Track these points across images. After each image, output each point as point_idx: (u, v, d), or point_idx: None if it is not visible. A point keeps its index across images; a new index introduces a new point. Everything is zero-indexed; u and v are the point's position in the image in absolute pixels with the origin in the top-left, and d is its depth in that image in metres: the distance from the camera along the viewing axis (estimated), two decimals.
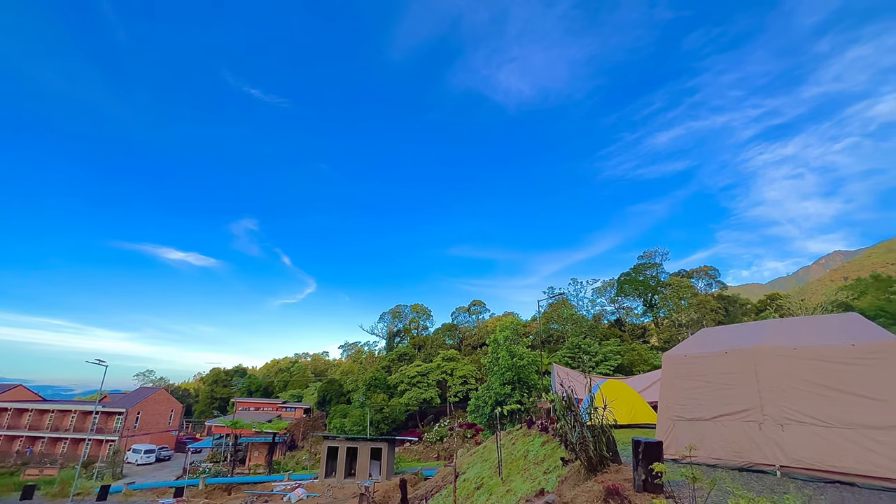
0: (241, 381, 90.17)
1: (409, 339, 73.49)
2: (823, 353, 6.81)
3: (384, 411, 46.58)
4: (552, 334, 55.52)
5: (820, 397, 6.60)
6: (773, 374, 7.16)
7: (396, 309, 78.50)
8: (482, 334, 64.26)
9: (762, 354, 7.40)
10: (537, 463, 10.66)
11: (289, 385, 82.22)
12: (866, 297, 49.95)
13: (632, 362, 41.20)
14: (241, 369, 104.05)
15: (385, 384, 52.37)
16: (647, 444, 5.85)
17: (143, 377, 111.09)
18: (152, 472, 43.87)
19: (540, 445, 12.12)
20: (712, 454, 7.43)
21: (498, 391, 31.57)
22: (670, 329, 49.64)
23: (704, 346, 8.71)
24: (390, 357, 62.78)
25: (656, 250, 60.12)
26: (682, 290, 52.30)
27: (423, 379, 50.68)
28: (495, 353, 33.92)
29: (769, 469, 6.80)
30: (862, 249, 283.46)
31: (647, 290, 56.26)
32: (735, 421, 7.39)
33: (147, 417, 56.45)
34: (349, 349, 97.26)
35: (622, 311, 60.02)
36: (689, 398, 8.17)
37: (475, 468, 15.09)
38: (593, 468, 7.07)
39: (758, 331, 8.47)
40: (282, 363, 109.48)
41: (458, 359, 54.22)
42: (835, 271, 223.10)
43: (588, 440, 7.17)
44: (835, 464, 6.20)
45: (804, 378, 6.83)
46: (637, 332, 55.79)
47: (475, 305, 76.07)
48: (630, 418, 13.70)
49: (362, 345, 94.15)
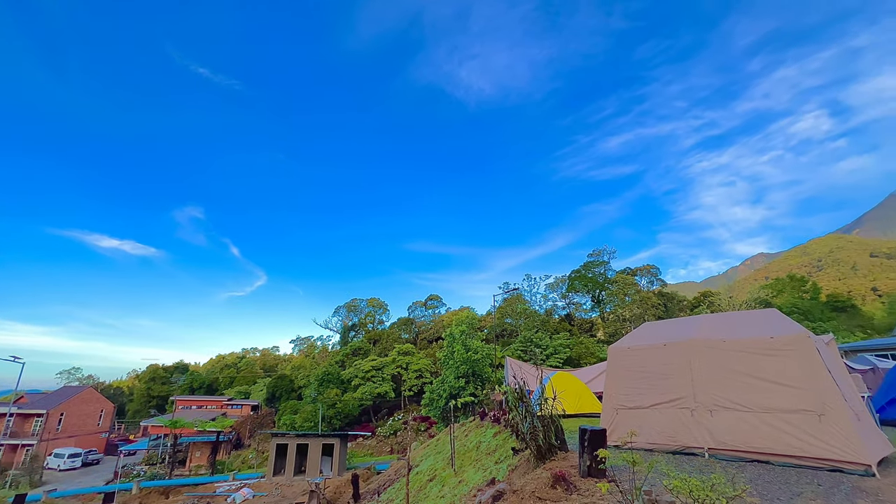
0: (182, 377, 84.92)
1: (364, 333, 72.48)
2: (747, 344, 7.49)
3: (337, 406, 45.73)
4: (506, 328, 56.92)
5: (743, 385, 7.27)
6: (705, 365, 7.79)
7: (352, 303, 77.09)
8: (438, 328, 64.64)
9: (695, 346, 8.02)
10: (489, 453, 10.93)
11: (235, 381, 78.57)
12: (783, 294, 55.56)
13: (580, 355, 43.17)
14: (183, 365, 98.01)
15: (338, 379, 51.40)
16: (593, 431, 6.17)
17: (68, 375, 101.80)
18: (78, 477, 40.37)
19: (492, 436, 12.43)
20: (650, 440, 7.97)
21: (453, 384, 31.93)
22: (615, 323, 52.50)
23: (645, 339, 9.30)
24: (344, 351, 61.66)
25: (605, 249, 63.17)
26: (626, 287, 55.44)
27: (378, 373, 50.26)
28: (451, 347, 34.25)
29: (699, 451, 7.41)
30: (781, 252, 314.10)
31: (595, 287, 59.05)
32: (671, 408, 7.97)
33: (72, 419, 51.72)
34: (301, 344, 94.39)
35: (572, 306, 62.62)
36: (630, 388, 8.70)
37: (428, 461, 15.23)
38: (542, 456, 7.36)
39: (692, 325, 9.15)
40: (228, 359, 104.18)
41: (414, 353, 54.25)
42: (758, 271, 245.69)
43: (538, 430, 7.45)
44: (754, 445, 6.87)
45: (731, 368, 7.49)
46: (585, 326, 58.51)
47: (432, 300, 76.32)
48: (577, 408, 14.38)
49: (315, 339, 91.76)
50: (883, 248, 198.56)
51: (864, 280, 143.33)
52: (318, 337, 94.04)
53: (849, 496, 5.14)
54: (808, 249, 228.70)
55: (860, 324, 50.20)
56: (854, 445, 6.03)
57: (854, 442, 6.05)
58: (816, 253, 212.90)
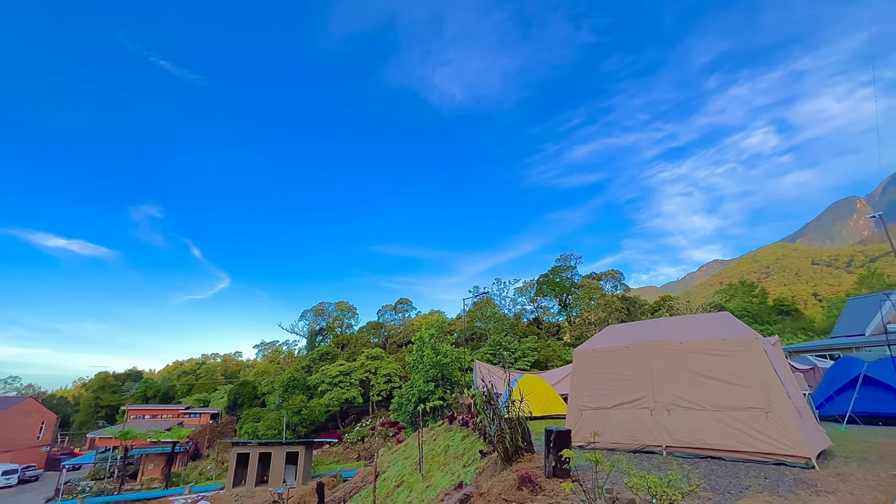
0: (135, 386, 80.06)
1: (332, 337, 70.99)
2: (702, 346, 7.88)
3: (302, 413, 44.45)
4: (476, 332, 57.27)
5: (698, 385, 7.63)
6: (664, 366, 8.12)
7: (320, 306, 75.37)
8: (408, 332, 64.21)
9: (655, 348, 8.35)
10: (457, 457, 10.93)
11: (194, 389, 74.90)
12: (735, 299, 58.86)
13: (547, 358, 44.02)
14: (136, 373, 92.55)
15: (304, 385, 50.02)
16: (558, 432, 6.30)
17: (5, 385, 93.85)
18: (14, 495, 37.18)
19: (461, 440, 12.44)
20: (613, 439, 8.22)
21: (422, 388, 31.78)
22: (581, 327, 53.93)
23: (608, 341, 9.60)
24: (311, 356, 60.13)
25: (572, 254, 64.83)
26: (592, 292, 57.12)
27: (346, 378, 49.31)
28: (420, 351, 34.11)
29: (657, 449, 7.70)
30: (734, 259, 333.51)
31: (562, 291, 60.47)
32: (632, 408, 8.25)
33: (7, 432, 47.61)
34: (266, 349, 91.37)
35: (540, 310, 63.84)
36: (594, 389, 8.95)
37: (396, 466, 15.05)
38: (509, 458, 7.44)
39: (652, 328, 9.53)
40: (186, 365, 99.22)
41: (383, 357, 53.62)
42: (713, 277, 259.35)
43: (505, 432, 7.53)
44: (708, 442, 7.21)
45: (687, 368, 7.85)
46: (552, 329, 59.77)
47: (402, 303, 75.78)
48: (544, 410, 14.64)
49: (281, 344, 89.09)
50: (823, 256, 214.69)
51: (807, 286, 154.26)
52: (283, 342, 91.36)
53: (791, 488, 5.49)
54: (758, 257, 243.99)
55: (803, 326, 53.88)
56: (796, 440, 6.45)
57: (796, 437, 6.47)
58: (765, 260, 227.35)
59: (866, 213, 29.92)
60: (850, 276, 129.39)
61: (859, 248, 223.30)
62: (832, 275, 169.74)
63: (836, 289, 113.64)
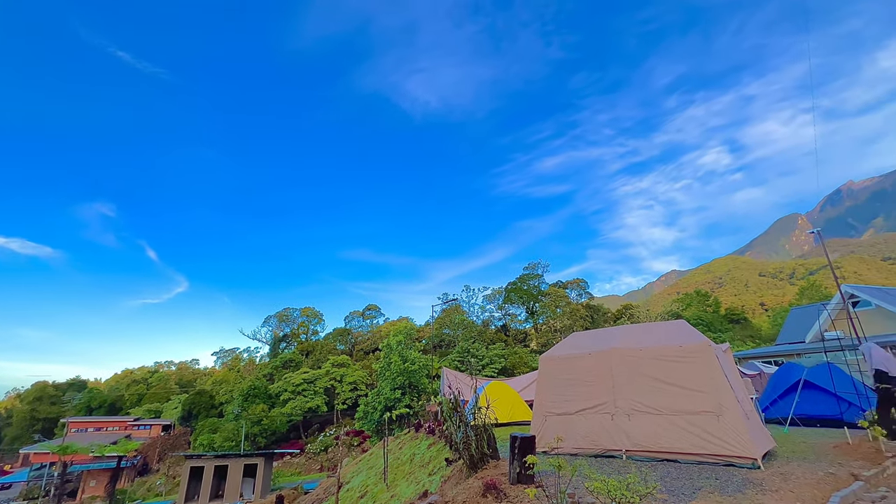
0: (78, 396, 74.53)
1: (296, 344, 68.90)
2: (659, 352, 8.21)
3: (263, 423, 42.72)
4: (444, 339, 57.20)
5: (656, 390, 7.94)
6: (624, 372, 8.40)
7: (284, 312, 73.04)
8: (376, 339, 63.29)
9: (617, 355, 8.63)
10: (423, 465, 10.83)
11: (145, 399, 70.47)
12: (691, 308, 61.78)
13: (514, 365, 44.51)
14: (80, 382, 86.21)
15: (266, 393, 48.15)
16: (523, 438, 6.37)
17: None
18: None
19: (426, 448, 12.34)
20: (575, 444, 8.39)
21: (388, 396, 31.32)
22: (547, 334, 55.00)
23: (573, 348, 9.84)
24: (274, 364, 58.06)
25: (539, 263, 66.13)
26: (558, 300, 58.46)
27: (310, 386, 47.89)
28: (388, 358, 33.66)
29: (618, 453, 7.93)
30: (690, 270, 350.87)
31: (529, 299, 61.51)
32: (594, 414, 8.47)
33: None
34: (225, 356, 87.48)
35: (508, 317, 64.61)
36: (558, 395, 9.13)
37: (360, 476, 14.73)
38: (475, 466, 7.44)
39: (614, 335, 9.85)
40: (137, 373, 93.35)
41: (349, 364, 52.53)
42: (671, 287, 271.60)
43: (471, 439, 7.54)
44: (664, 445, 7.50)
45: (646, 374, 8.15)
46: (520, 336, 60.59)
47: (370, 310, 74.71)
48: (510, 416, 14.75)
49: (241, 351, 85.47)
50: (769, 268, 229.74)
51: (755, 296, 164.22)
52: (244, 349, 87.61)
53: (739, 487, 5.79)
54: (712, 268, 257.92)
55: (751, 334, 57.17)
56: (744, 442, 6.82)
57: (744, 439, 6.84)
58: (718, 271, 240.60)
59: (806, 230, 32.38)
60: (792, 287, 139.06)
61: (801, 261, 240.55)
62: (777, 286, 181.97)
63: (780, 299, 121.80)
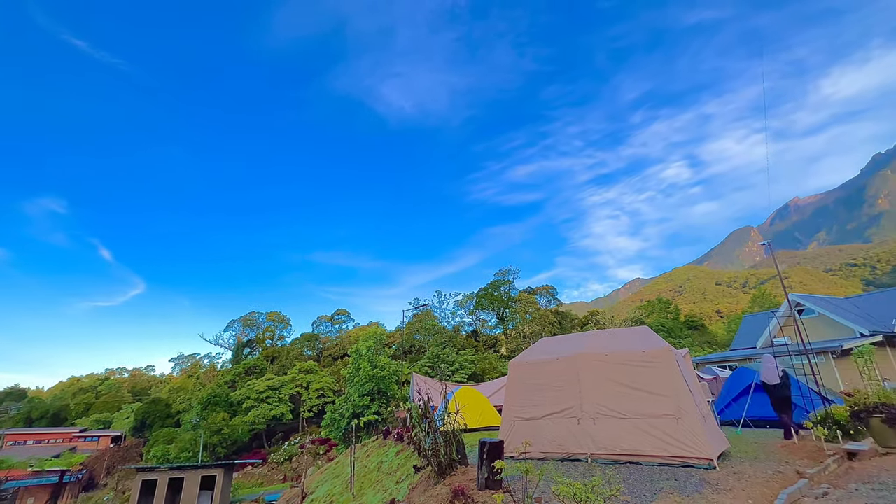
0: (16, 406, 69.07)
1: (261, 350, 66.62)
2: (624, 357, 8.47)
3: (223, 432, 40.92)
4: (415, 344, 56.84)
5: (621, 394, 8.16)
6: (590, 376, 8.61)
7: (249, 316, 70.60)
8: (344, 345, 62.12)
9: (583, 360, 8.83)
10: (390, 473, 10.67)
11: (93, 408, 66.10)
12: (654, 314, 64.27)
13: (484, 370, 44.75)
14: (18, 391, 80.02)
15: (227, 401, 46.20)
16: (491, 444, 6.40)
17: None
18: None
19: (395, 455, 12.17)
20: (543, 449, 8.50)
21: (357, 403, 30.75)
22: (517, 340, 55.67)
23: (541, 353, 10.00)
24: (236, 370, 55.85)
25: (510, 269, 67.03)
26: (528, 306, 59.38)
27: (275, 394, 46.35)
28: (356, 364, 33.07)
29: (583, 457, 8.09)
30: (653, 278, 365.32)
31: (500, 305, 62.18)
32: (561, 418, 8.61)
33: None
34: (184, 362, 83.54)
35: (478, 322, 65.03)
36: (527, 400, 9.23)
37: (325, 486, 14.34)
38: (443, 472, 7.40)
39: (581, 340, 10.09)
40: (85, 381, 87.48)
41: (317, 371, 51.26)
42: (635, 294, 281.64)
43: (440, 445, 7.49)
44: (627, 448, 7.71)
45: (611, 378, 8.38)
46: (490, 342, 61.04)
47: (339, 314, 73.36)
48: (479, 422, 14.79)
49: (202, 357, 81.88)
50: (724, 277, 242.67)
51: (711, 304, 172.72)
52: (205, 354, 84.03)
53: (697, 487, 6.03)
54: (672, 277, 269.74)
55: (708, 340, 60.05)
56: (701, 444, 7.11)
57: (701, 440, 7.14)
58: (678, 280, 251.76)
59: (758, 242, 34.40)
60: (745, 295, 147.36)
61: (753, 271, 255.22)
62: (731, 294, 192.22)
63: (734, 307, 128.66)
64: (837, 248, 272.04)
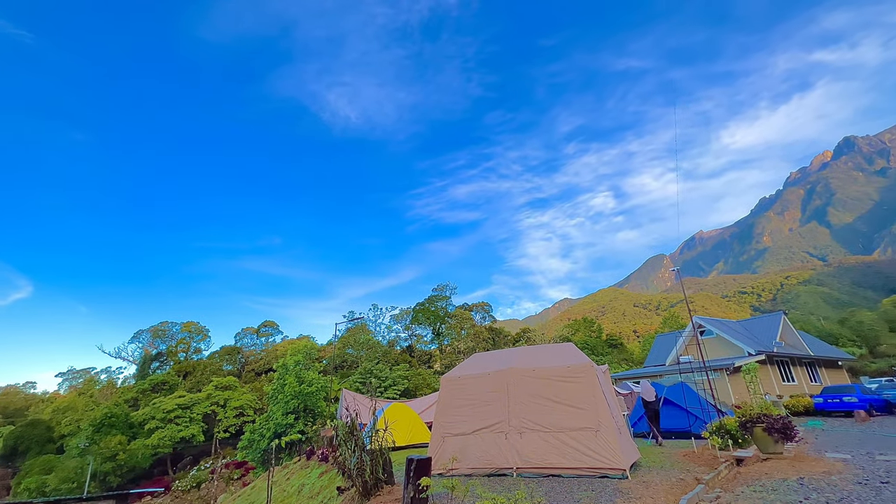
0: None
1: (173, 363, 60.27)
2: (550, 372, 8.85)
3: (119, 458, 36.03)
4: (347, 359, 54.88)
5: (546, 409, 8.48)
6: (519, 391, 8.86)
7: (160, 326, 63.82)
8: (270, 359, 58.33)
9: (512, 374, 9.08)
10: (312, 497, 10.06)
11: None
12: (579, 333, 68.17)
13: (417, 386, 44.25)
14: None
15: (127, 422, 40.93)
16: (419, 461, 6.29)
17: None
18: None
19: (318, 477, 11.52)
20: (471, 464, 8.53)
21: (279, 421, 28.80)
22: (451, 355, 55.96)
23: (473, 368, 10.13)
24: (140, 387, 49.88)
25: (447, 285, 67.70)
26: (463, 322, 60.17)
27: (186, 413, 41.95)
28: (282, 380, 31.09)
29: (509, 471, 8.24)
30: (580, 298, 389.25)
31: (436, 320, 62.32)
32: (489, 433, 8.73)
33: None
34: (75, 378, 73.05)
35: (414, 337, 64.50)
36: (457, 415, 9.26)
37: None
38: (368, 493, 7.13)
39: (511, 356, 10.39)
40: None
41: (237, 387, 47.37)
42: (563, 313, 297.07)
43: (365, 464, 7.23)
44: (550, 461, 7.99)
45: (537, 393, 8.69)
46: (425, 357, 60.71)
47: (266, 326, 68.94)
48: (409, 439, 14.53)
49: (98, 372, 72.10)
50: (641, 300, 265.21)
51: (630, 324, 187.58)
52: (102, 369, 73.96)
53: (611, 497, 6.39)
54: (597, 298, 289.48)
55: (625, 357, 64.79)
56: (615, 455, 7.58)
57: (616, 452, 7.61)
58: (602, 301, 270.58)
59: (669, 268, 38.09)
60: (658, 317, 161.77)
61: (665, 295, 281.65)
62: (646, 315, 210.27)
63: (649, 327, 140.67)
64: (732, 278, 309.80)
